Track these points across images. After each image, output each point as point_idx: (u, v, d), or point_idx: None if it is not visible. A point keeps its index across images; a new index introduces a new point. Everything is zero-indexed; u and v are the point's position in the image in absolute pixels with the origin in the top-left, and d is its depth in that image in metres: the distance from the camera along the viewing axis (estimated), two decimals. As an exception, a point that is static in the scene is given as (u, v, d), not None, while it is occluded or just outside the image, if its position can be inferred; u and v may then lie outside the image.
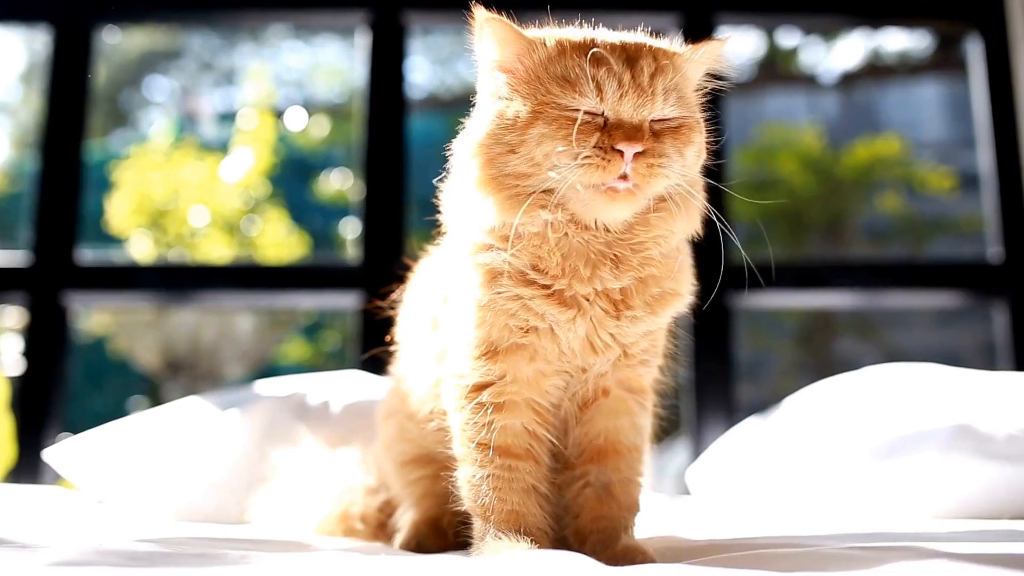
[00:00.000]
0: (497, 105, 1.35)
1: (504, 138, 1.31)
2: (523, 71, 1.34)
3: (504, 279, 1.35)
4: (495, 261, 1.35)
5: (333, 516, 1.84)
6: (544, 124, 1.28)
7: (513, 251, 1.34)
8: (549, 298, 1.35)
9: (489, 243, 1.36)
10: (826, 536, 1.57)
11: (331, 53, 8.14)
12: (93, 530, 1.70)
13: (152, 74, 8.31)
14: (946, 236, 7.69)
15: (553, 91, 1.29)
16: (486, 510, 1.38)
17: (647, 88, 1.29)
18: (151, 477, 2.28)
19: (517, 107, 1.31)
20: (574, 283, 1.34)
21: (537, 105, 1.29)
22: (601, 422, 1.46)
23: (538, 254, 1.34)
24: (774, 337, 7.69)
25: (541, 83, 1.31)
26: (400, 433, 1.72)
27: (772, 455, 2.40)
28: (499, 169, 1.31)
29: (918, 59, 8.34)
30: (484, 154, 1.33)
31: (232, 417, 2.33)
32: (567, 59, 1.31)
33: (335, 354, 7.24)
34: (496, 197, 1.31)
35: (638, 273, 1.36)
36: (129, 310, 6.54)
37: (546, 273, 1.34)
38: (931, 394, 2.25)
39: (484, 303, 1.37)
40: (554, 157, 1.27)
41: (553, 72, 1.31)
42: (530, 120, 1.29)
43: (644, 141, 1.26)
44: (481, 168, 1.33)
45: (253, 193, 6.84)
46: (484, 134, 1.34)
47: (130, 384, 7.05)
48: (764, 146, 7.49)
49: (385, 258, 3.48)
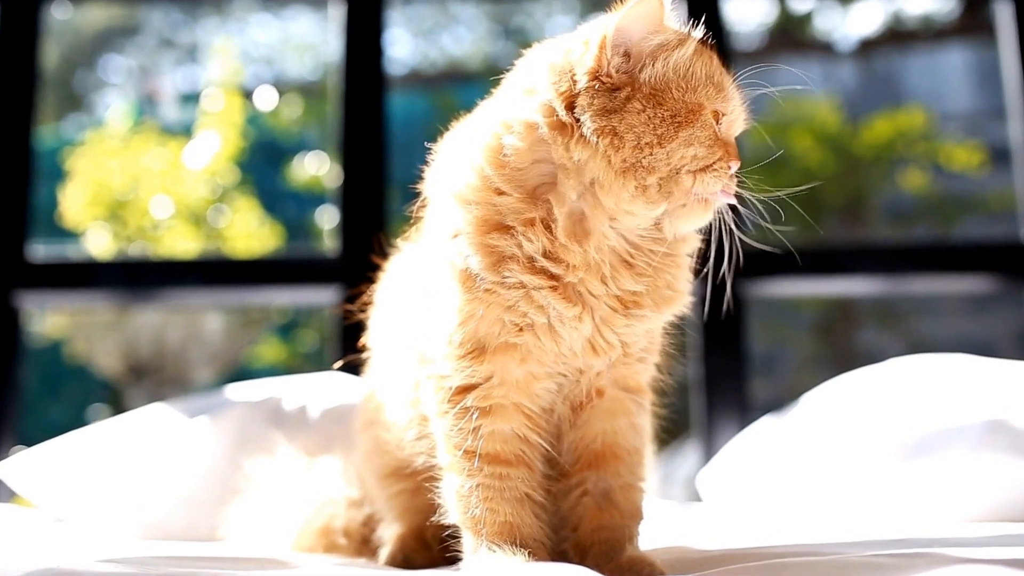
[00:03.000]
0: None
1: (659, 129, 1.31)
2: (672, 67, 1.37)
3: (512, 263, 1.35)
4: (506, 243, 1.35)
5: (313, 530, 1.85)
6: (697, 127, 1.32)
7: (529, 235, 1.34)
8: (554, 291, 1.35)
9: (507, 224, 1.36)
10: (848, 543, 1.57)
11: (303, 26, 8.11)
12: (51, 550, 1.69)
13: (108, 53, 8.27)
14: (975, 215, 7.71)
15: (706, 93, 1.34)
16: (477, 522, 1.38)
17: (743, 100, 1.41)
18: (114, 492, 2.28)
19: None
20: (589, 278, 1.35)
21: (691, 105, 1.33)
22: (597, 424, 1.47)
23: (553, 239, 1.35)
24: (790, 328, 7.71)
25: (689, 81, 1.34)
26: (377, 445, 1.73)
27: (789, 457, 2.41)
28: (637, 159, 1.31)
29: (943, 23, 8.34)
30: (630, 139, 1.31)
31: (201, 425, 2.33)
32: (706, 58, 1.37)
33: (312, 355, 7.23)
34: (645, 183, 1.31)
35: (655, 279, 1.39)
36: (87, 311, 6.52)
37: (560, 262, 1.35)
38: (961, 388, 2.26)
39: (482, 291, 1.36)
40: (690, 161, 1.32)
41: (705, 71, 1.35)
42: (688, 118, 1.32)
43: None
44: (623, 152, 1.31)
45: (220, 181, 6.82)
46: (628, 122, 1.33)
47: (89, 391, 7.04)
48: (775, 121, 7.50)
49: (365, 249, 3.46)
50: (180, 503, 2.23)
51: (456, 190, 1.39)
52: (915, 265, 3.62)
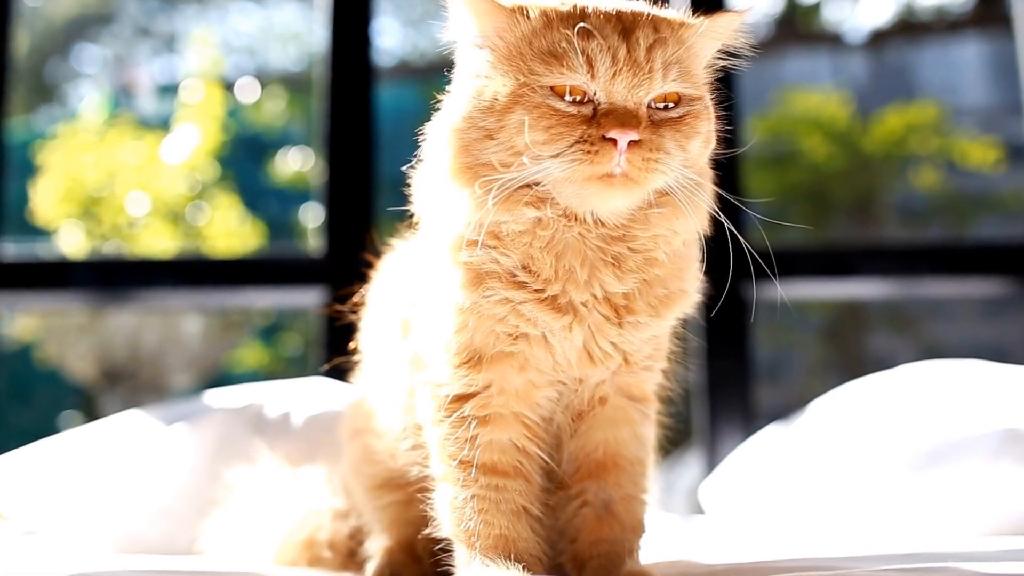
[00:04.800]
0: (475, 84, 1.34)
1: (481, 122, 1.30)
2: (503, 47, 1.33)
3: (491, 280, 1.34)
4: (481, 260, 1.34)
5: (297, 543, 1.84)
6: (525, 110, 1.27)
7: (502, 249, 1.33)
8: (541, 303, 1.35)
9: (473, 239, 1.34)
10: (858, 558, 1.58)
11: (287, 15, 8.12)
12: (20, 564, 1.69)
13: (81, 41, 8.27)
14: (991, 215, 7.73)
15: (537, 70, 1.28)
16: (471, 535, 1.38)
17: (644, 64, 1.28)
18: (87, 503, 2.28)
19: (496, 87, 1.31)
20: (569, 287, 1.34)
21: (519, 86, 1.29)
22: (599, 433, 1.46)
23: (529, 252, 1.33)
24: (797, 333, 7.72)
25: (524, 60, 1.30)
26: (367, 455, 1.72)
27: (796, 467, 2.41)
28: (475, 157, 1.31)
29: (957, 14, 8.37)
30: (459, 140, 1.32)
31: (179, 433, 2.33)
32: (553, 31, 1.30)
33: (296, 359, 7.23)
34: (472, 189, 1.31)
35: (642, 275, 1.36)
36: (59, 312, 6.51)
37: (538, 276, 1.34)
38: (976, 395, 2.26)
39: (466, 307, 1.36)
40: (537, 148, 1.26)
41: (538, 47, 1.30)
42: (510, 103, 1.28)
43: (640, 129, 1.26)
44: (455, 156, 1.32)
45: (199, 176, 6.82)
46: (460, 117, 1.33)
47: (61, 397, 7.03)
48: (783, 115, 7.51)
49: (351, 249, 3.46)
50: (157, 515, 2.23)
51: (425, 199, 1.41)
52: (927, 267, 3.63)
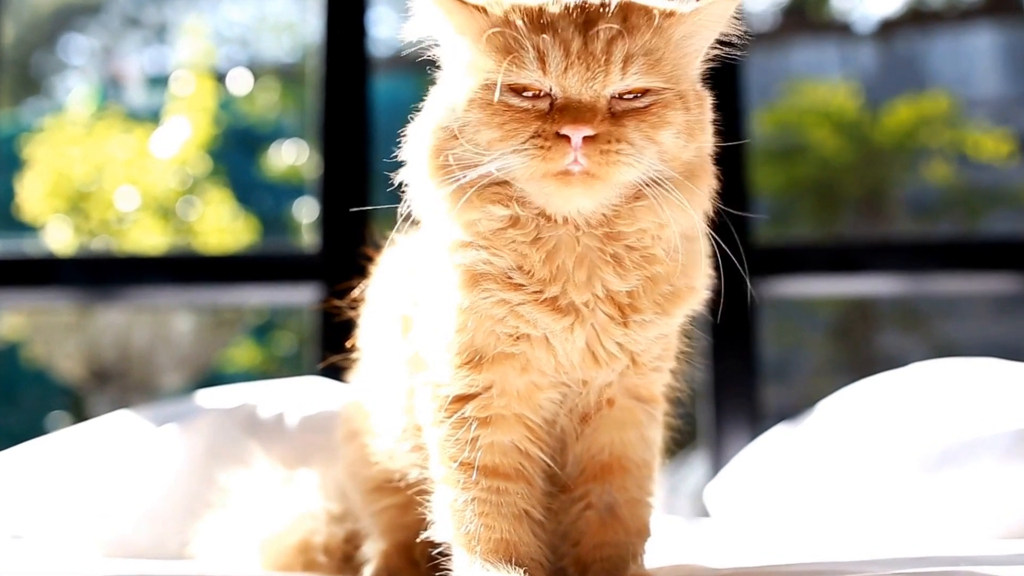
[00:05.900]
0: (443, 84, 1.39)
1: (446, 122, 1.33)
2: (465, 45, 1.35)
3: (487, 282, 1.35)
4: (474, 261, 1.35)
5: (291, 547, 1.84)
6: (480, 108, 1.29)
7: (494, 250, 1.34)
8: (541, 304, 1.35)
9: (464, 240, 1.36)
10: (867, 561, 1.58)
11: (280, 5, 8.11)
12: (7, 569, 1.69)
13: (68, 32, 8.26)
14: (1004, 209, 7.72)
15: (492, 67, 1.30)
16: (471, 539, 1.38)
17: (599, 56, 1.27)
18: (76, 506, 2.28)
19: (459, 86, 1.34)
20: (568, 287, 1.34)
21: (477, 85, 1.31)
22: (605, 435, 1.46)
23: (519, 252, 1.34)
24: (805, 331, 7.71)
25: (482, 58, 1.32)
26: (363, 457, 1.72)
27: (804, 468, 2.41)
28: (445, 158, 1.32)
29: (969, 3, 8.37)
30: (432, 141, 1.35)
31: (170, 434, 2.33)
32: (510, 27, 1.30)
33: (290, 358, 7.22)
34: (446, 190, 1.32)
35: (644, 272, 1.36)
36: (46, 310, 6.50)
37: (533, 276, 1.34)
38: (989, 394, 2.26)
39: (465, 307, 1.36)
40: (494, 146, 1.28)
41: (495, 44, 1.30)
42: (470, 102, 1.31)
43: (595, 123, 1.25)
44: (430, 157, 1.34)
45: (190, 170, 6.81)
46: (431, 118, 1.37)
47: (49, 397, 7.02)
48: (790, 107, 7.50)
49: (347, 244, 3.46)
50: (147, 518, 2.23)
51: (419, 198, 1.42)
52: (939, 262, 3.63)
